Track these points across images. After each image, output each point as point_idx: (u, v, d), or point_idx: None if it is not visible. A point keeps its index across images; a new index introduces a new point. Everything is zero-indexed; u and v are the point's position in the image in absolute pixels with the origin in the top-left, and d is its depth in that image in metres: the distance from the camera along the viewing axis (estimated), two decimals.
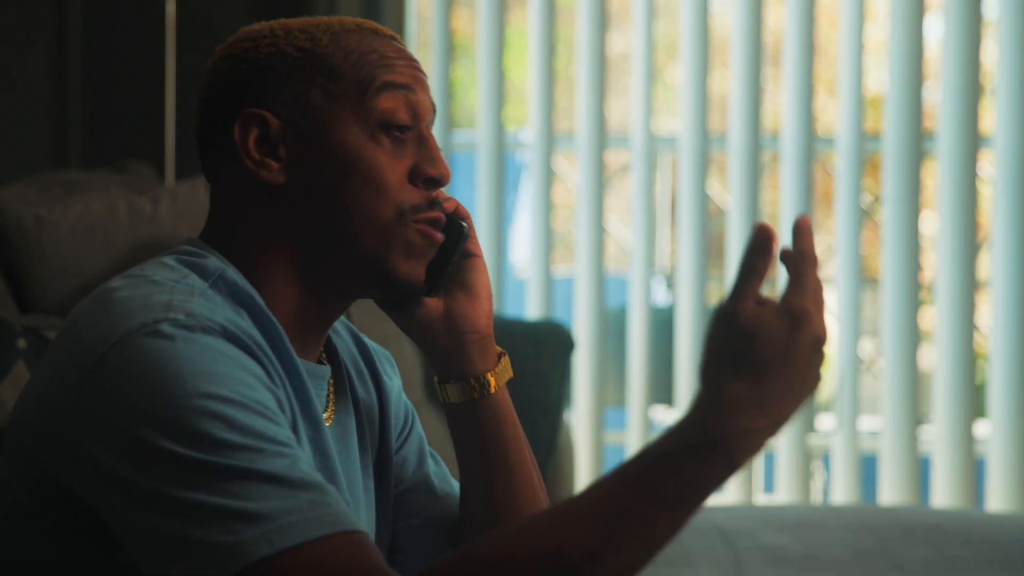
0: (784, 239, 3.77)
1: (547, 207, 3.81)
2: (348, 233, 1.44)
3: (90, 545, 1.34)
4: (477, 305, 1.54)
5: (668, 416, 4.34)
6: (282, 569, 1.24)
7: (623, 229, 4.76)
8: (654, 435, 4.10)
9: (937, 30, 3.90)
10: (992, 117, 3.83)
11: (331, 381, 1.52)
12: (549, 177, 3.82)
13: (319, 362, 1.51)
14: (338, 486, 1.44)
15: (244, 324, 1.37)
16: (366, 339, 1.62)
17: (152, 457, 1.27)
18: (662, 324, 3.98)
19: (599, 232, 3.80)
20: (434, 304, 1.53)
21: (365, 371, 1.59)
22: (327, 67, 1.45)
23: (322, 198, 1.44)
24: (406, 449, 1.62)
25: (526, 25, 3.84)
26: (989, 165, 3.90)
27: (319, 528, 1.25)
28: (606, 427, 3.86)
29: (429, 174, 1.47)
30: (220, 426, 1.27)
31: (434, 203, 1.47)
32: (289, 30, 1.47)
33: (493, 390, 1.54)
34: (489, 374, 1.54)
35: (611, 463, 4.13)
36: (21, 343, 2.09)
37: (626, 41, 4.43)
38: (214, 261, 1.42)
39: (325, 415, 1.49)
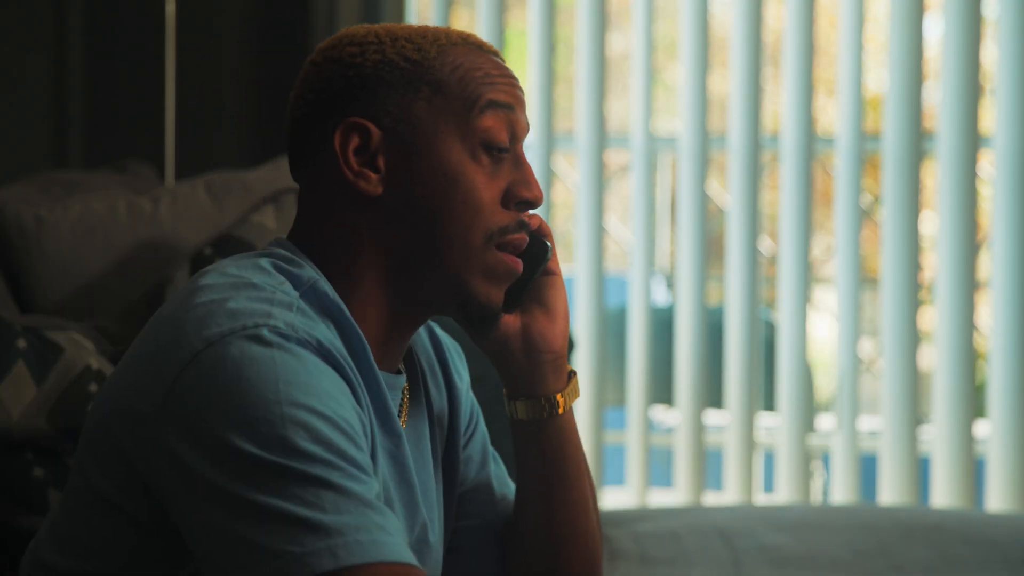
0: (784, 238, 3.77)
1: (547, 207, 3.81)
2: (438, 250, 1.44)
3: (163, 543, 1.34)
4: (554, 325, 1.54)
5: (668, 416, 4.34)
6: None
7: (623, 229, 4.76)
8: (654, 435, 4.09)
9: (937, 30, 3.90)
10: (992, 117, 3.83)
11: (406, 387, 1.52)
12: (549, 177, 3.82)
13: (398, 371, 1.51)
14: (414, 493, 1.45)
15: (336, 340, 1.37)
16: (439, 331, 1.62)
17: (232, 457, 1.27)
18: (662, 324, 3.98)
19: (599, 232, 3.80)
20: (512, 321, 1.53)
21: (438, 369, 1.59)
22: (434, 80, 1.45)
23: (418, 213, 1.43)
24: (471, 448, 1.62)
25: (526, 25, 3.84)
26: (989, 165, 3.90)
27: (383, 552, 1.25)
28: (606, 427, 3.86)
29: (524, 197, 1.47)
30: (304, 435, 1.27)
31: (522, 225, 1.48)
32: (396, 38, 1.46)
33: (562, 411, 1.54)
34: (559, 395, 1.54)
35: (611, 463, 4.13)
36: (21, 343, 2.09)
37: (626, 41, 4.43)
38: (308, 271, 1.42)
39: (400, 420, 1.49)
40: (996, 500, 3.77)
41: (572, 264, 3.92)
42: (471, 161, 1.44)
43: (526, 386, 1.54)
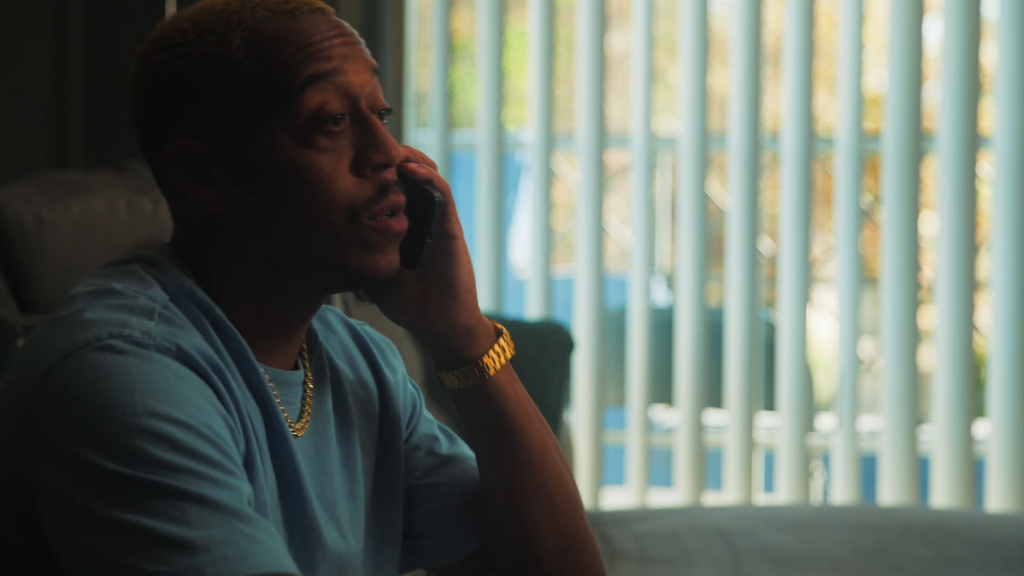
0: (784, 238, 3.77)
1: (547, 207, 3.81)
2: (301, 247, 1.35)
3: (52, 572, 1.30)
4: (456, 303, 1.44)
5: (668, 416, 4.34)
6: None
7: (623, 229, 4.76)
8: (654, 435, 4.10)
9: (937, 30, 3.90)
10: (992, 117, 3.83)
11: (310, 387, 1.44)
12: (549, 177, 3.82)
13: (295, 367, 1.44)
14: (303, 498, 1.39)
15: (203, 345, 1.31)
16: (365, 328, 1.54)
17: (91, 474, 1.22)
18: (662, 324, 3.98)
19: (599, 232, 3.80)
20: (413, 298, 1.44)
21: (363, 367, 1.52)
22: (241, 76, 1.34)
23: (266, 218, 1.35)
24: (416, 437, 1.55)
25: (526, 25, 3.84)
26: (989, 165, 3.90)
27: (253, 565, 1.20)
28: (606, 427, 3.86)
29: (375, 161, 1.35)
30: (164, 447, 1.22)
31: (386, 188, 1.36)
32: (200, 32, 1.36)
33: (492, 372, 1.46)
34: (484, 358, 1.45)
35: (611, 463, 4.13)
36: (21, 343, 2.09)
37: (626, 41, 4.43)
38: (176, 273, 1.36)
39: (299, 424, 1.42)
40: (996, 500, 3.77)
41: (572, 264, 3.92)
42: (303, 147, 1.33)
43: (445, 357, 1.46)
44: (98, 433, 1.23)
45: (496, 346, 1.47)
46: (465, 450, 1.56)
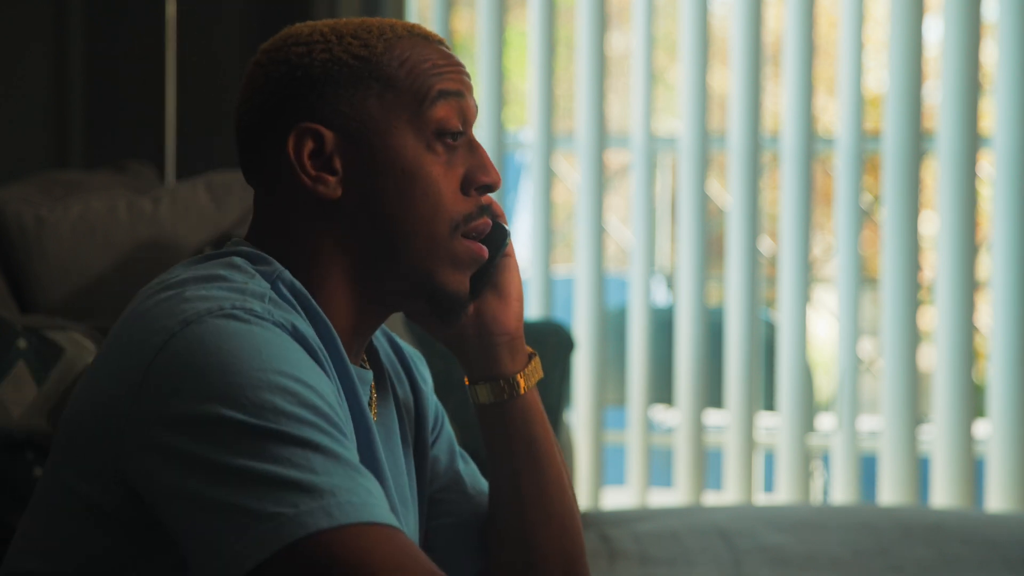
0: (784, 238, 3.77)
1: (547, 207, 3.81)
2: (403, 245, 1.44)
3: (140, 544, 1.33)
4: (507, 307, 1.54)
5: (668, 416, 4.34)
6: (338, 544, 1.23)
7: (623, 229, 4.76)
8: (654, 435, 4.09)
9: (937, 30, 3.90)
10: (992, 117, 3.83)
11: (373, 383, 1.52)
12: (549, 177, 3.82)
13: (362, 366, 1.52)
14: (386, 488, 1.44)
15: (309, 330, 1.37)
16: (400, 341, 1.63)
17: (216, 427, 1.26)
18: (662, 324, 3.98)
19: (599, 232, 3.80)
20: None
21: (401, 372, 1.60)
22: (383, 76, 1.44)
23: (380, 211, 1.43)
24: (437, 447, 1.62)
25: (526, 25, 3.84)
26: (989, 165, 3.90)
27: (374, 514, 1.25)
28: (606, 427, 3.87)
29: (483, 181, 1.47)
30: (290, 399, 1.27)
31: (484, 210, 1.47)
32: (342, 35, 1.45)
33: (523, 391, 1.54)
34: (519, 375, 1.54)
35: (611, 463, 4.13)
36: (21, 343, 2.09)
37: (626, 41, 4.43)
38: (276, 266, 1.42)
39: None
40: (996, 500, 3.78)
41: (572, 264, 3.92)
42: (427, 153, 1.44)
43: (484, 369, 1.54)
44: (226, 387, 1.27)
45: (529, 366, 1.56)
46: (478, 475, 1.64)
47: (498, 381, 1.54)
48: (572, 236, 3.98)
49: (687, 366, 3.82)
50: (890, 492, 3.79)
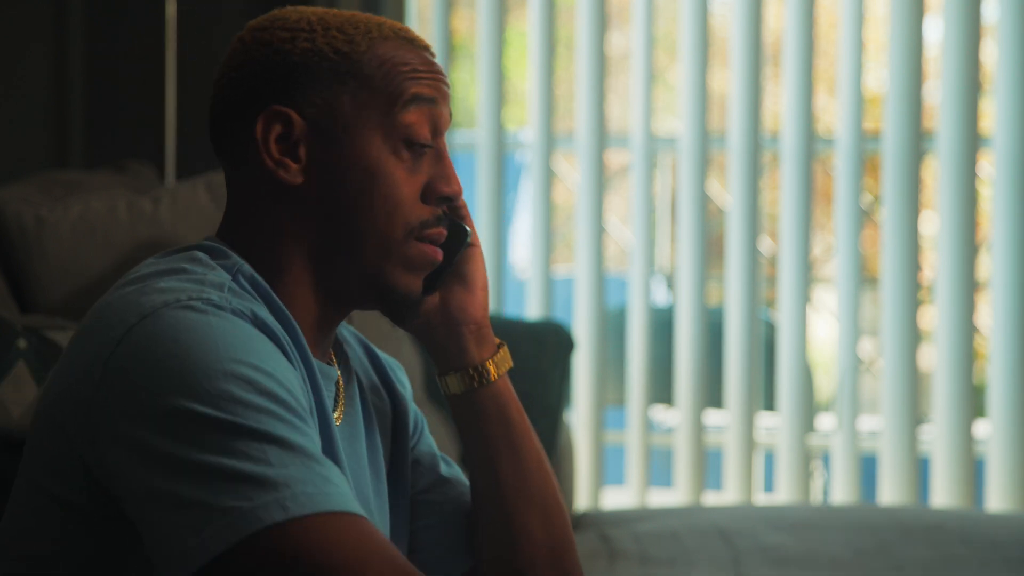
0: (784, 238, 3.77)
1: (547, 207, 3.81)
2: (357, 242, 1.45)
3: (110, 539, 1.33)
4: (473, 296, 1.55)
5: (668, 416, 4.35)
6: (293, 537, 1.24)
7: (623, 229, 4.76)
8: (654, 435, 4.09)
9: (937, 30, 3.90)
10: (992, 117, 3.83)
11: (340, 384, 1.53)
12: (549, 177, 3.82)
13: (328, 364, 1.52)
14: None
15: (270, 319, 1.38)
16: (377, 350, 1.64)
17: (174, 419, 1.27)
18: (662, 324, 3.98)
19: (599, 232, 3.80)
20: (430, 297, 1.54)
21: (377, 381, 1.61)
22: (361, 74, 1.45)
23: (337, 206, 1.45)
24: (417, 452, 1.63)
25: (526, 25, 3.84)
26: (989, 165, 3.90)
27: (330, 503, 1.26)
28: (606, 427, 3.87)
29: (444, 193, 1.48)
30: (247, 388, 1.28)
31: (441, 219, 1.48)
32: (328, 27, 1.46)
33: (493, 378, 1.55)
34: (488, 362, 1.55)
35: (611, 463, 4.13)
36: (21, 343, 2.09)
37: (626, 41, 4.43)
38: (235, 259, 1.43)
39: (335, 414, 1.50)
40: (996, 500, 3.78)
41: (572, 264, 3.92)
42: (392, 156, 1.45)
43: (452, 359, 1.55)
44: (183, 378, 1.28)
45: (498, 354, 1.57)
46: (461, 476, 1.64)
47: (467, 370, 1.55)
48: (572, 236, 3.98)
49: (687, 366, 3.82)
50: (890, 492, 3.79)
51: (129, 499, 1.29)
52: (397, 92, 1.45)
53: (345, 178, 1.44)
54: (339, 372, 1.53)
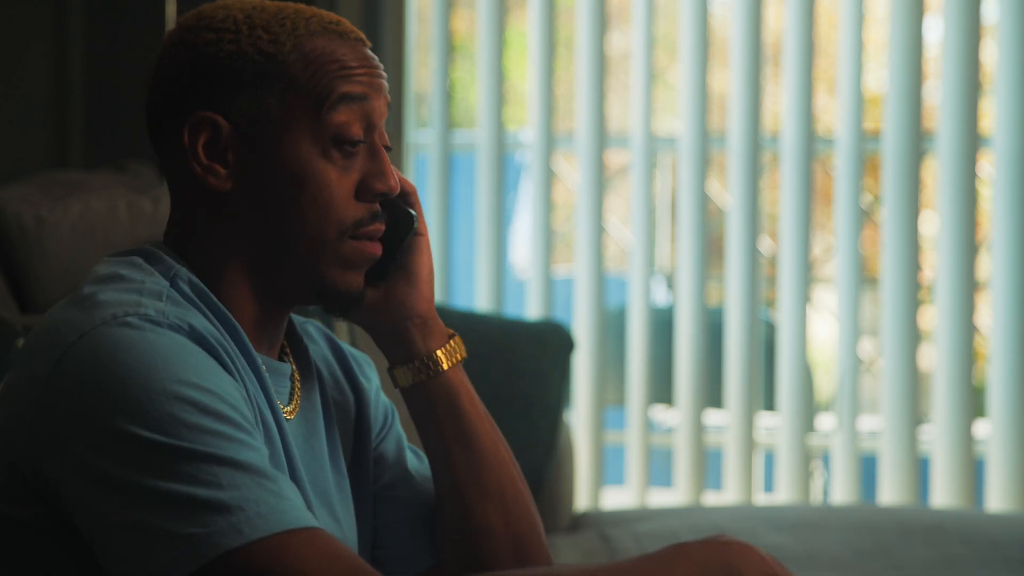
0: (784, 238, 3.77)
1: (547, 207, 3.81)
2: (289, 245, 1.43)
3: (68, 557, 1.32)
4: (416, 290, 1.52)
5: (668, 416, 4.34)
6: (252, 560, 1.24)
7: (623, 229, 4.76)
8: (654, 435, 4.09)
9: (937, 30, 3.90)
10: (992, 117, 3.83)
11: (297, 380, 1.51)
12: (549, 177, 3.82)
13: (281, 359, 1.51)
14: (297, 480, 1.43)
15: (209, 326, 1.37)
16: (343, 344, 1.62)
17: (121, 444, 1.26)
18: (662, 324, 3.98)
19: (599, 232, 3.80)
20: (373, 291, 1.52)
21: (340, 375, 1.58)
22: (287, 75, 1.42)
23: (267, 210, 1.42)
24: (384, 446, 1.60)
25: (526, 25, 3.84)
26: (989, 165, 3.90)
27: (285, 521, 1.26)
28: (606, 427, 3.86)
29: (378, 189, 1.45)
30: (190, 410, 1.27)
31: (377, 215, 1.46)
32: (253, 27, 1.43)
33: (444, 367, 1.53)
34: (438, 352, 1.53)
35: (611, 463, 4.13)
36: (21, 343, 2.09)
37: (626, 41, 4.43)
38: (170, 263, 1.42)
39: (288, 409, 1.48)
40: (996, 500, 3.77)
41: (572, 264, 3.92)
42: (321, 158, 1.43)
43: (399, 352, 1.53)
44: (126, 402, 1.27)
45: (449, 344, 1.54)
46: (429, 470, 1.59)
47: (414, 362, 1.52)
48: (572, 236, 3.98)
49: (687, 366, 3.82)
50: (890, 492, 3.78)
51: (84, 522, 1.28)
52: (325, 92, 1.42)
53: (274, 183, 1.42)
54: (294, 367, 1.51)
